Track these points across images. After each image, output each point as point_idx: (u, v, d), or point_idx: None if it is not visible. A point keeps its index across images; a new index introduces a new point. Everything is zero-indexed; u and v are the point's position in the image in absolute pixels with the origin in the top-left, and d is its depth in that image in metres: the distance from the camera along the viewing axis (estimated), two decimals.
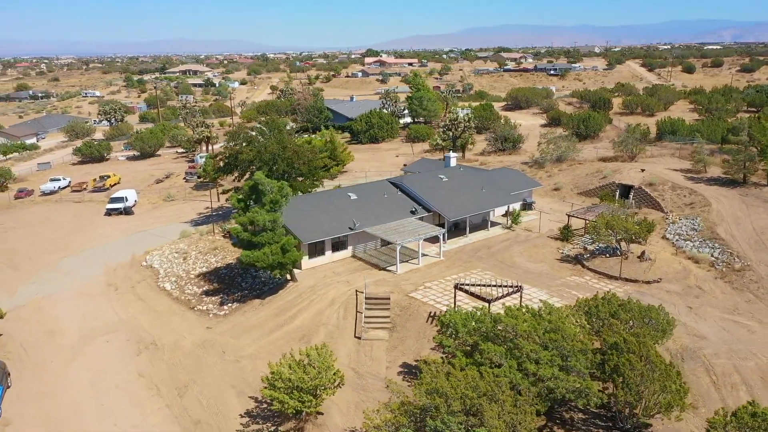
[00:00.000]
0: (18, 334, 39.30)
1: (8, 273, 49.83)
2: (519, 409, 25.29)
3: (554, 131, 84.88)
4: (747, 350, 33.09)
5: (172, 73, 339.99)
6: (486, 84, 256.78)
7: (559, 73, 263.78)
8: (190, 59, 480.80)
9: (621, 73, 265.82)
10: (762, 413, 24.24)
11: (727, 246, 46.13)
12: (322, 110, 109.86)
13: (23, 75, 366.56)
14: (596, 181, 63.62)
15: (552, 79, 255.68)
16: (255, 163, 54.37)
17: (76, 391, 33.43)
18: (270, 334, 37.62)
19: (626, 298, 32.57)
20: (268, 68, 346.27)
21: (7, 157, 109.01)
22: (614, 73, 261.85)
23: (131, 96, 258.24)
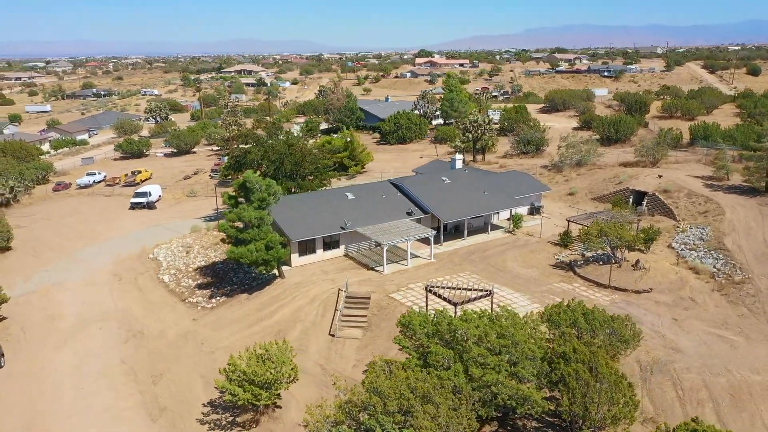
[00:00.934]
0: (21, 317, 41.91)
1: (29, 260, 53.02)
2: (456, 413, 25.34)
3: (580, 135, 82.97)
4: (722, 366, 31.80)
5: (228, 72, 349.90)
6: (536, 85, 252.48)
7: (613, 75, 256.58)
8: (248, 59, 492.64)
9: (680, 75, 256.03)
10: (704, 431, 23.46)
11: (731, 257, 44.25)
12: (353, 110, 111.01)
13: (91, 74, 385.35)
14: (611, 187, 61.98)
15: (605, 80, 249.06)
16: (263, 162, 55.83)
17: (61, 373, 35.43)
18: (249, 328, 38.74)
19: (591, 307, 31.81)
20: (320, 68, 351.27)
21: (57, 152, 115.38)
22: (672, 75, 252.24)
23: (186, 95, 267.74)
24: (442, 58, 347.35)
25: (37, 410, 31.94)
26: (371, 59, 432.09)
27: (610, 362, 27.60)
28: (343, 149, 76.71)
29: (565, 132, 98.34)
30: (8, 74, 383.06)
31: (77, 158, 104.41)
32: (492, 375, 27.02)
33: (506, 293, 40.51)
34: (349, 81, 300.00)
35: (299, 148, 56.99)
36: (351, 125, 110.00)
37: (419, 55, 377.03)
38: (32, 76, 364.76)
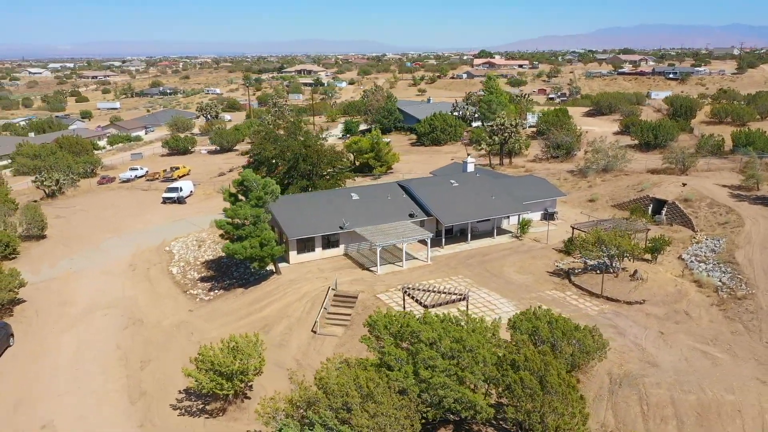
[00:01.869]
0: (38, 301, 45.04)
1: (58, 249, 56.72)
2: (396, 412, 25.76)
3: (615, 139, 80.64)
4: (696, 383, 30.67)
5: (288, 72, 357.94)
6: (596, 87, 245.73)
7: (679, 77, 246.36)
8: (309, 60, 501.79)
9: (752, 77, 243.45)
10: None
11: (739, 271, 42.31)
12: (392, 111, 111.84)
13: (161, 73, 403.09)
14: (633, 194, 60.15)
15: (670, 83, 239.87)
16: (278, 160, 57.52)
17: (62, 354, 37.95)
18: (238, 321, 40.26)
19: (557, 314, 31.39)
20: (378, 69, 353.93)
21: (112, 147, 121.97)
22: (743, 78, 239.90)
23: (247, 94, 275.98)
24: (502, 59, 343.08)
25: (32, 387, 34.41)
26: (431, 60, 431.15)
27: (563, 373, 27.25)
28: (370, 150, 77.65)
29: (605, 136, 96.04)
30: (87, 73, 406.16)
31: (128, 154, 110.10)
32: (440, 378, 27.26)
33: (493, 298, 40.36)
34: (406, 81, 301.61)
35: (315, 148, 58.30)
36: (389, 126, 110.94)
37: (479, 56, 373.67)
38: (107, 74, 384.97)
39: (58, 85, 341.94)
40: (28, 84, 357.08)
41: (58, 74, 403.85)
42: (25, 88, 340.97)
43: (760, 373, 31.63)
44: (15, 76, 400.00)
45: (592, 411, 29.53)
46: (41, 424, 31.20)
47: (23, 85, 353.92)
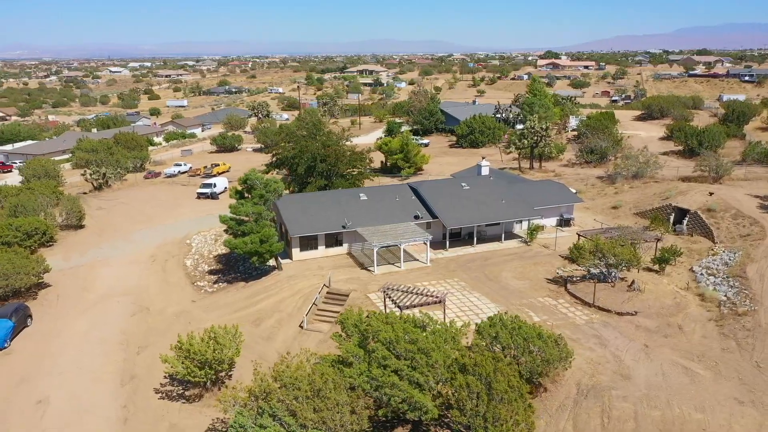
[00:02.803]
0: (62, 286, 48.45)
1: (92, 238, 60.60)
2: (339, 407, 26.51)
3: (657, 145, 77.78)
4: (666, 399, 29.76)
5: (351, 72, 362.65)
6: (664, 90, 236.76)
7: (755, 80, 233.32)
8: (373, 59, 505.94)
9: None
10: None
11: (747, 287, 40.39)
12: (433, 113, 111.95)
13: (230, 72, 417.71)
14: (657, 202, 58.08)
15: (745, 86, 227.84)
16: (296, 160, 59.17)
17: (71, 337, 40.81)
18: (233, 313, 41.98)
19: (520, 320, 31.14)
20: (440, 69, 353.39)
21: (168, 143, 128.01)
22: None
23: (308, 93, 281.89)
24: (567, 60, 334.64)
25: (38, 365, 37.28)
26: (494, 60, 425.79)
27: (515, 380, 27.15)
28: (399, 151, 78.33)
29: (650, 141, 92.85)
30: (162, 72, 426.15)
31: (179, 150, 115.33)
32: (391, 378, 27.79)
33: (481, 303, 40.30)
34: (465, 82, 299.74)
35: (333, 149, 59.57)
36: (430, 127, 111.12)
37: (544, 57, 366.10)
38: (180, 74, 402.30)
39: (135, 83, 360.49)
40: (107, 82, 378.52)
41: (136, 73, 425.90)
42: (105, 86, 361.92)
43: (739, 393, 30.31)
44: (97, 74, 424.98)
45: (554, 420, 29.35)
46: (38, 399, 33.80)
47: (103, 83, 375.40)
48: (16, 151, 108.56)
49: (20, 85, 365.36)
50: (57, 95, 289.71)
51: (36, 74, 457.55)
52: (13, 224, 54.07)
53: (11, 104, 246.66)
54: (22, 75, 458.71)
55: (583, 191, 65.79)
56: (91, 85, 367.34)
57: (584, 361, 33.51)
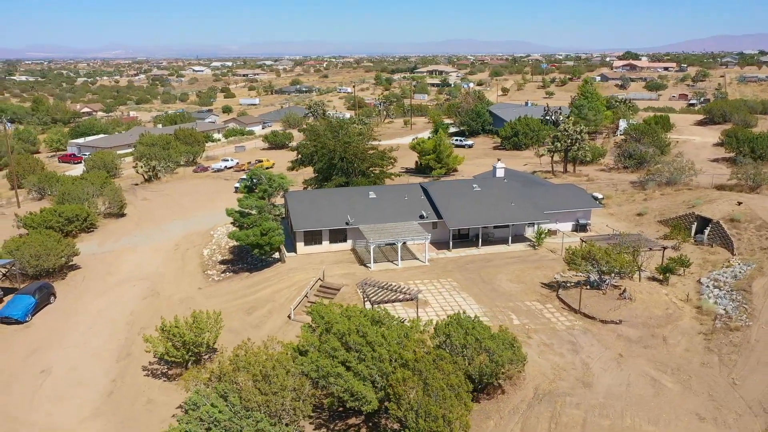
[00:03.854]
0: (89, 269, 52.41)
1: (129, 226, 64.86)
2: (283, 392, 27.81)
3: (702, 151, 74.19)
4: (621, 409, 29.12)
5: (420, 73, 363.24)
6: (749, 93, 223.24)
7: None
8: (445, 60, 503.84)
9: None
10: None
11: (748, 302, 38.41)
12: (480, 114, 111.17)
13: (304, 72, 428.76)
14: (682, 210, 55.62)
15: None
16: (315, 157, 60.99)
17: (85, 315, 44.29)
18: (231, 302, 44.16)
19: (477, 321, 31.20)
20: (511, 70, 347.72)
21: (227, 139, 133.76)
22: None
23: (375, 93, 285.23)
24: (646, 61, 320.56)
25: (50, 339, 40.81)
26: (568, 61, 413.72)
27: (455, 378, 27.46)
28: (432, 151, 78.70)
29: (702, 148, 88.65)
30: (240, 71, 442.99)
31: (233, 146, 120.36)
32: (337, 368, 28.79)
33: (466, 303, 40.44)
34: (535, 84, 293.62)
35: (352, 147, 60.92)
36: (476, 128, 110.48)
37: (623, 57, 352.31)
38: (257, 73, 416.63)
39: (214, 82, 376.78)
40: (189, 81, 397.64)
41: (216, 72, 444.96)
42: (187, 84, 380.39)
43: (704, 409, 29.21)
44: (181, 73, 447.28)
45: (503, 422, 29.39)
46: (41, 369, 37.11)
47: (186, 82, 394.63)
48: (88, 144, 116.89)
49: (112, 83, 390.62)
50: (141, 93, 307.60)
51: (127, 73, 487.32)
52: (57, 210, 58.90)
53: (100, 101, 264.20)
54: (116, 73, 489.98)
55: (611, 197, 63.90)
56: (175, 83, 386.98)
57: (550, 366, 33.22)
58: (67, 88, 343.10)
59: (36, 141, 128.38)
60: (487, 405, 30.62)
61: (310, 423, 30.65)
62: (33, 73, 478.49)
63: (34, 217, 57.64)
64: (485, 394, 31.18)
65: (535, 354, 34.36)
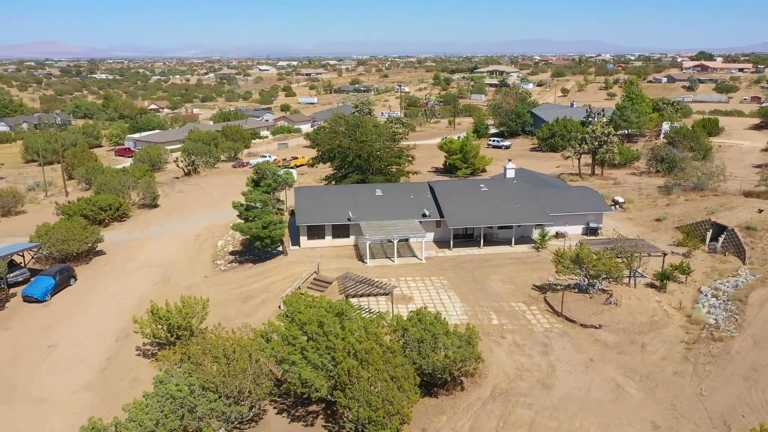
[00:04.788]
0: (113, 255, 55.84)
1: (160, 217, 68.40)
2: (244, 374, 29.27)
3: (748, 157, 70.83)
4: (573, 412, 28.91)
5: (480, 73, 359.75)
6: None
7: None
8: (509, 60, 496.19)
9: None
10: None
11: (741, 312, 36.90)
12: (520, 115, 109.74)
13: (366, 71, 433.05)
14: (701, 217, 53.52)
15: None
16: (330, 154, 62.45)
17: (100, 297, 47.38)
18: (231, 290, 46.16)
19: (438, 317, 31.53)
20: (574, 70, 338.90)
21: (274, 137, 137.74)
22: None
23: (433, 93, 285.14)
24: (719, 62, 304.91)
25: (63, 317, 43.92)
26: (638, 62, 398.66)
27: (399, 371, 28.07)
28: (459, 151, 78.70)
29: (750, 152, 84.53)
30: (304, 70, 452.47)
31: (277, 144, 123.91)
32: (294, 355, 29.97)
33: (451, 302, 40.75)
34: (597, 84, 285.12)
35: (368, 146, 61.96)
36: (516, 129, 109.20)
37: (696, 58, 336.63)
38: (320, 72, 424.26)
39: (278, 81, 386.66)
40: (255, 79, 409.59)
41: (281, 71, 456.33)
42: (252, 83, 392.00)
43: (662, 417, 28.59)
44: (248, 72, 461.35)
45: (455, 418, 29.76)
46: (49, 344, 40.19)
47: (251, 81, 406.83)
48: (143, 139, 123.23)
49: (182, 81, 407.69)
50: (208, 91, 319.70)
51: (198, 72, 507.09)
52: (92, 200, 63.01)
53: (168, 98, 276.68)
54: (188, 72, 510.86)
55: (634, 201, 62.13)
56: (241, 82, 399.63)
57: (515, 366, 33.22)
58: (141, 86, 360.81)
59: (99, 135, 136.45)
60: (445, 401, 31.03)
61: (273, 407, 32.01)
62: (113, 72, 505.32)
63: (72, 205, 61.87)
64: (445, 390, 31.59)
65: (504, 354, 34.41)
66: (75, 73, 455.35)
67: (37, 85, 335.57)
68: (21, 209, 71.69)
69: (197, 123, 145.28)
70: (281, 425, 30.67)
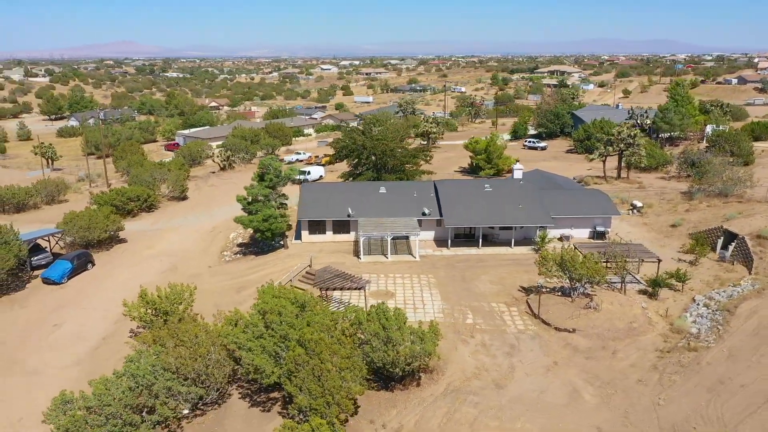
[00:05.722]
0: (133, 244, 58.91)
1: (186, 209, 71.50)
2: (204, 359, 30.76)
3: None
4: (519, 413, 28.81)
5: (540, 73, 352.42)
6: None
7: None
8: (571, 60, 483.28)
9: None
10: None
11: (724, 324, 35.41)
12: (559, 116, 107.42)
13: (425, 71, 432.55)
14: (715, 224, 51.20)
15: None
16: (344, 152, 63.53)
17: (112, 282, 50.24)
18: (229, 280, 47.99)
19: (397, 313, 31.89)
20: (639, 71, 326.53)
21: (317, 134, 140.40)
22: None
23: (489, 93, 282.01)
24: None
25: (74, 299, 46.95)
26: (710, 62, 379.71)
27: (344, 362, 28.69)
28: (484, 151, 78.16)
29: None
30: (364, 70, 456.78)
31: (317, 141, 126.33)
32: (251, 342, 31.17)
33: (431, 299, 41.07)
34: (661, 86, 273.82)
35: (382, 144, 62.68)
36: (554, 131, 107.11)
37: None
38: (379, 72, 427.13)
39: (338, 80, 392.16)
40: (316, 78, 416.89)
41: (342, 71, 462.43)
42: (313, 82, 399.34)
43: (610, 425, 28.06)
44: (310, 71, 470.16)
45: (404, 413, 30.17)
46: (55, 323, 43.18)
47: (312, 80, 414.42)
48: (191, 134, 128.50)
49: (246, 80, 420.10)
50: (269, 89, 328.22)
51: (263, 71, 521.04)
52: (122, 191, 66.70)
53: (231, 96, 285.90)
54: (254, 71, 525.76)
55: (653, 206, 60.07)
56: (303, 80, 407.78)
57: (475, 365, 33.22)
58: (207, 84, 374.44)
59: (154, 131, 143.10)
60: (399, 395, 31.45)
61: (238, 392, 33.33)
62: (184, 70, 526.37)
63: (104, 195, 65.73)
64: (402, 384, 32.01)
65: (468, 353, 34.44)
66: (149, 72, 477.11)
67: (110, 82, 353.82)
68: (63, 198, 76.57)
69: (244, 120, 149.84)
70: (242, 409, 31.92)
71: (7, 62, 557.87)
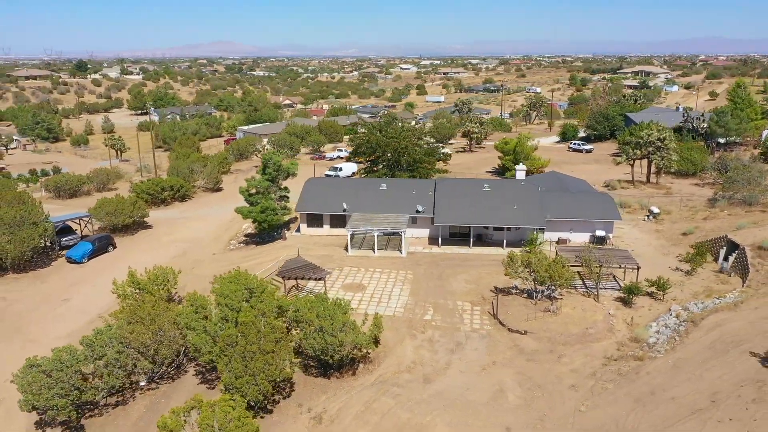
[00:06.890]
0: (157, 230, 63.01)
1: (217, 200, 75.31)
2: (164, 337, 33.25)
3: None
4: (435, 408, 29.27)
5: (624, 73, 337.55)
6: None
7: None
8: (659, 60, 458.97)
9: None
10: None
11: (684, 336, 33.88)
12: (608, 117, 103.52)
13: (505, 71, 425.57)
14: (723, 232, 48.37)
15: None
16: (360, 149, 64.91)
17: (127, 263, 53.85)
18: (226, 267, 49.87)
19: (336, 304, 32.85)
20: (734, 72, 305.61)
21: None
22: None
23: (566, 94, 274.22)
24: None
25: (89, 278, 51.13)
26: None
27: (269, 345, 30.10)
28: (512, 152, 77.17)
29: None
30: (443, 69, 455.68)
31: None
32: (196, 323, 33.30)
33: (400, 293, 41.78)
34: (755, 88, 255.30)
35: (396, 142, 63.55)
36: (603, 133, 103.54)
37: None
38: (457, 71, 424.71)
39: (414, 79, 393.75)
40: (394, 78, 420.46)
41: (419, 71, 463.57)
42: (391, 81, 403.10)
43: (521, 426, 27.89)
44: (389, 71, 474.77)
45: (330, 399, 31.28)
46: (64, 298, 47.43)
47: (390, 79, 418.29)
48: (249, 130, 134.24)
49: (327, 79, 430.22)
50: (345, 88, 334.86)
51: (345, 70, 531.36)
52: (157, 181, 71.45)
53: (308, 95, 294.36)
54: (338, 70, 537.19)
55: (672, 213, 57.38)
56: (381, 80, 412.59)
57: (412, 359, 33.77)
58: (289, 82, 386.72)
59: (220, 126, 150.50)
60: (333, 382, 32.56)
61: (195, 369, 35.58)
62: (271, 69, 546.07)
63: (141, 184, 70.74)
64: (339, 373, 33.07)
65: (412, 347, 34.96)
66: (237, 70, 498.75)
67: (198, 80, 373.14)
68: (113, 186, 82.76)
69: (304, 117, 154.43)
70: (191, 384, 34.12)
71: (110, 61, 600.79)
